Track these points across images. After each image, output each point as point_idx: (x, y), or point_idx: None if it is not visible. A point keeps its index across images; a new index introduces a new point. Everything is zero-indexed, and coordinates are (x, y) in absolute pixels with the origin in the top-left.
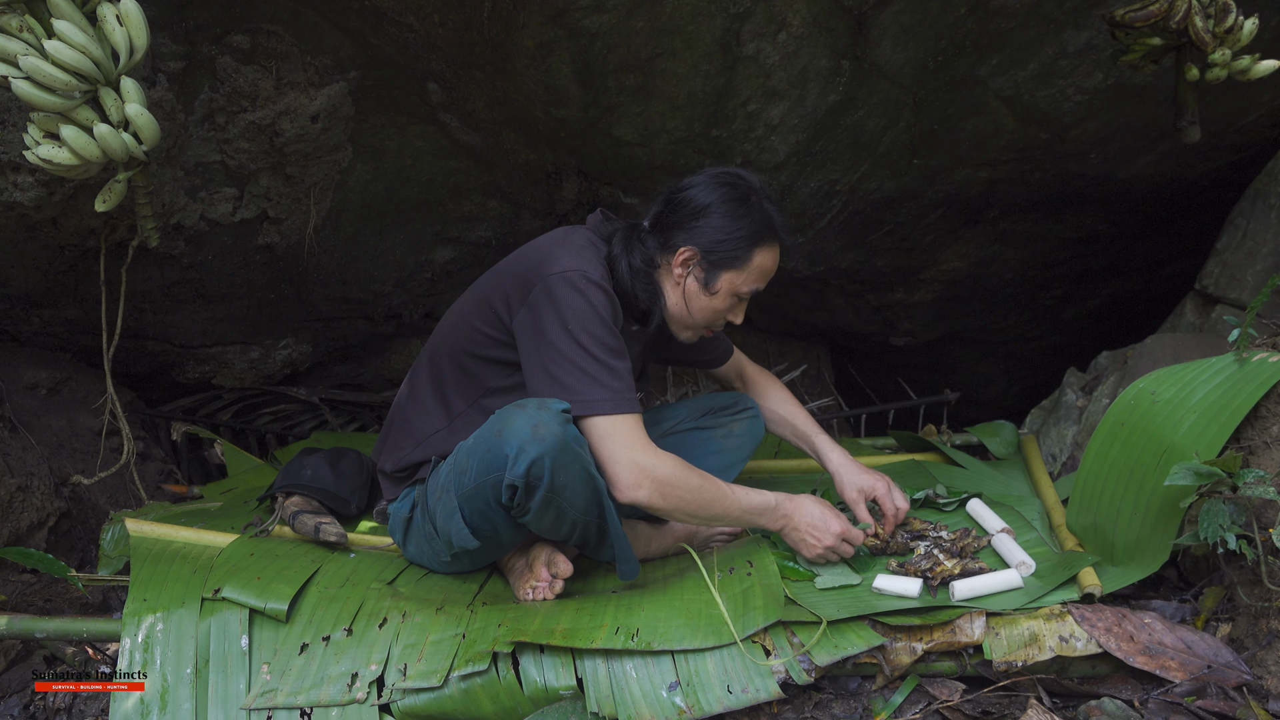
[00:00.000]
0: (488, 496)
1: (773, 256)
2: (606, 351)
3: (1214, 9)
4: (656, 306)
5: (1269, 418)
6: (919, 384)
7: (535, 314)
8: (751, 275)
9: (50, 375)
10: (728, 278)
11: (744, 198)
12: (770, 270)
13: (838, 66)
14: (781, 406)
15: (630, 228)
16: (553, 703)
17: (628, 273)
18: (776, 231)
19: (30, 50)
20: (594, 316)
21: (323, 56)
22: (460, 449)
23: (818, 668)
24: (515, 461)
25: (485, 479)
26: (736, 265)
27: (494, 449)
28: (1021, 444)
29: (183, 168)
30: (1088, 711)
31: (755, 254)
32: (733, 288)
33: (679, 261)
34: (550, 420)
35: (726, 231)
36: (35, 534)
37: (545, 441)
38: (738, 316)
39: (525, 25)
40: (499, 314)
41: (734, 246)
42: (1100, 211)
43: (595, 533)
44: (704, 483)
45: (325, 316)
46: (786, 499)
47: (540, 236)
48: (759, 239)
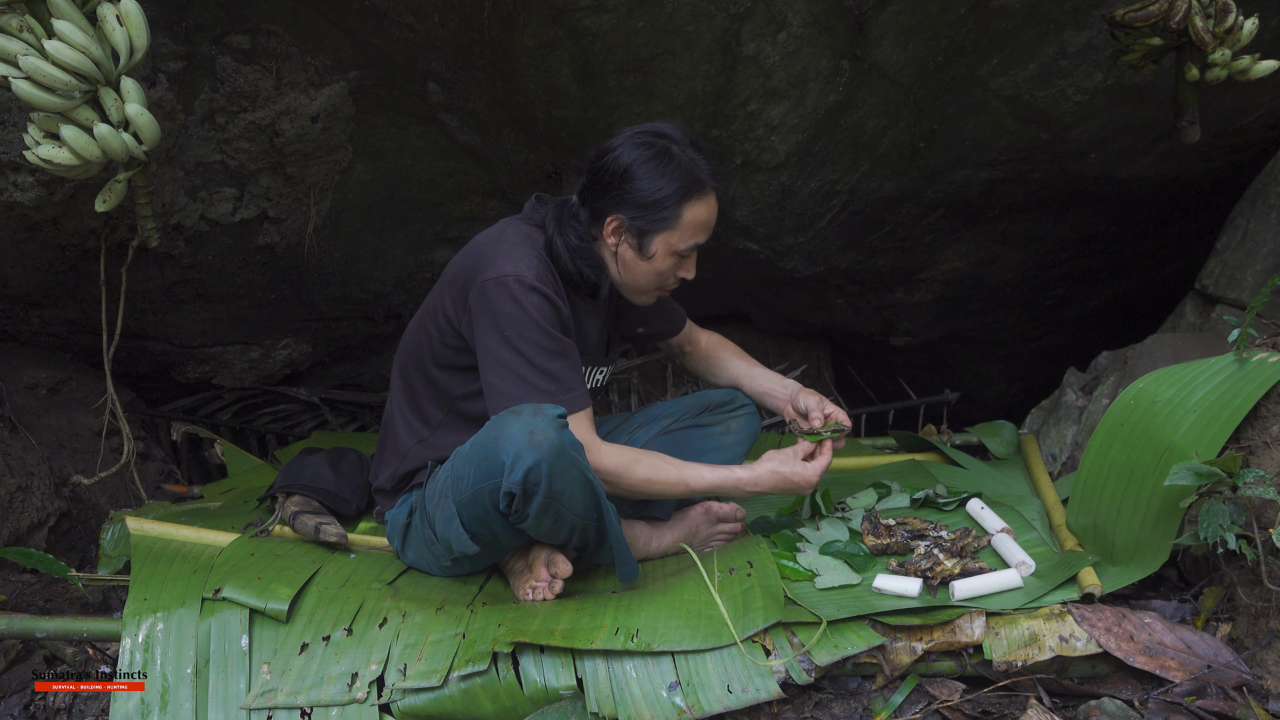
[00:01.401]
0: (485, 503)
1: (706, 207)
2: (544, 355)
3: (1214, 9)
4: (604, 278)
5: (1269, 418)
6: (919, 384)
7: (475, 320)
8: (685, 232)
9: (50, 375)
10: (661, 239)
11: (664, 154)
12: (707, 221)
13: (838, 66)
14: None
15: (561, 205)
16: (553, 703)
17: (566, 252)
18: (705, 181)
19: (30, 50)
20: (528, 321)
21: (323, 56)
22: (458, 454)
23: (818, 667)
24: (512, 468)
25: (483, 485)
26: (667, 226)
27: (491, 456)
28: (1021, 444)
29: (183, 168)
30: (1088, 711)
31: (685, 210)
32: (669, 249)
33: (609, 232)
34: (547, 426)
35: (650, 194)
36: (35, 534)
37: (542, 448)
38: (689, 271)
39: (525, 25)
40: (450, 321)
41: (661, 208)
42: (1100, 211)
43: (594, 536)
44: (652, 474)
45: (325, 316)
46: (743, 470)
47: (478, 235)
48: (686, 194)
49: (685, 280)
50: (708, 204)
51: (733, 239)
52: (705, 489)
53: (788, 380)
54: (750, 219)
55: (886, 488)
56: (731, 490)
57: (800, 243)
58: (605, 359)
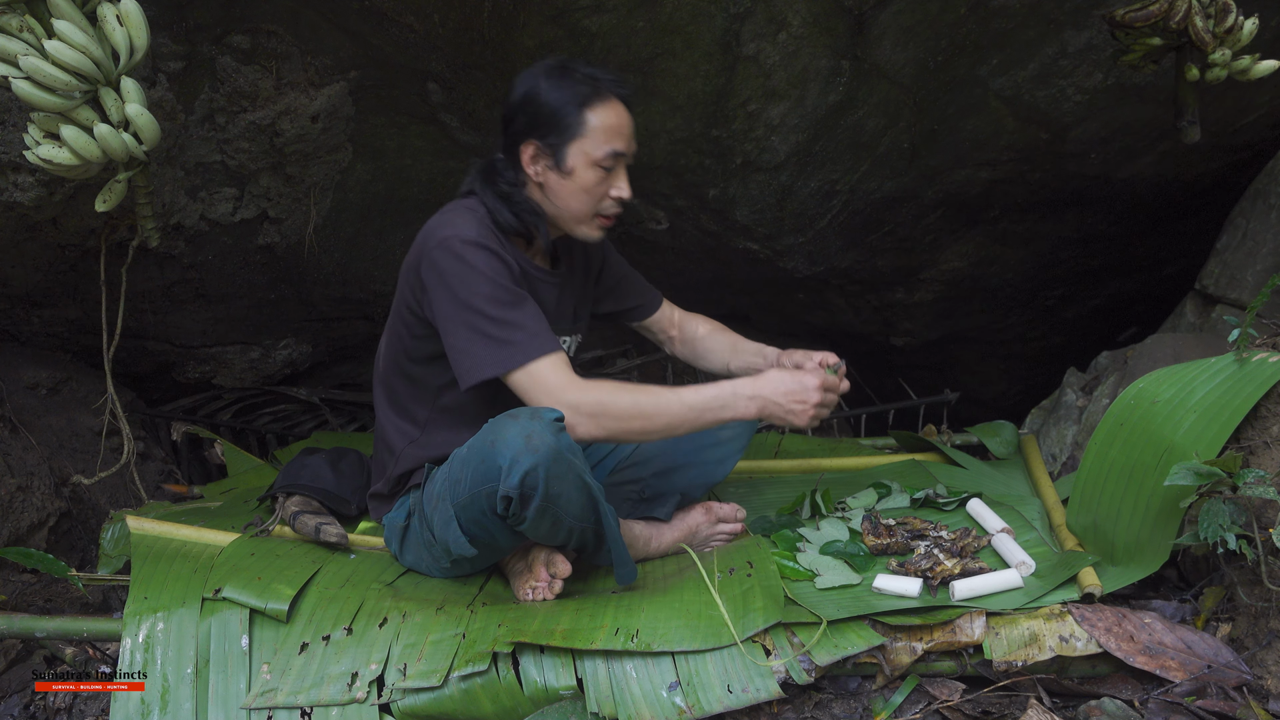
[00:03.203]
0: (483, 506)
1: (614, 112)
2: (499, 306)
3: (1214, 9)
4: (540, 222)
5: (1269, 418)
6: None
7: (429, 292)
8: (598, 137)
9: (50, 375)
10: (575, 150)
11: (559, 68)
12: (620, 126)
13: (838, 66)
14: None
15: (483, 164)
16: (553, 703)
17: (497, 203)
18: (607, 87)
19: (30, 50)
20: (476, 275)
21: (323, 56)
22: (455, 457)
23: (818, 667)
24: (509, 473)
25: (480, 489)
26: (577, 134)
27: (488, 459)
28: (1021, 444)
29: (183, 168)
30: (1088, 711)
31: (589, 115)
32: (586, 159)
33: (528, 162)
34: (544, 430)
35: (550, 106)
36: (35, 534)
37: (539, 452)
38: (621, 189)
39: (525, 25)
40: (413, 309)
41: (563, 116)
42: (1100, 211)
43: (593, 537)
44: (640, 398)
45: (325, 316)
46: (744, 382)
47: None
48: (588, 100)
49: (624, 203)
50: (614, 109)
51: (733, 239)
52: (704, 404)
53: (766, 349)
54: (750, 219)
55: (886, 488)
56: (731, 402)
57: (800, 243)
58: (573, 327)
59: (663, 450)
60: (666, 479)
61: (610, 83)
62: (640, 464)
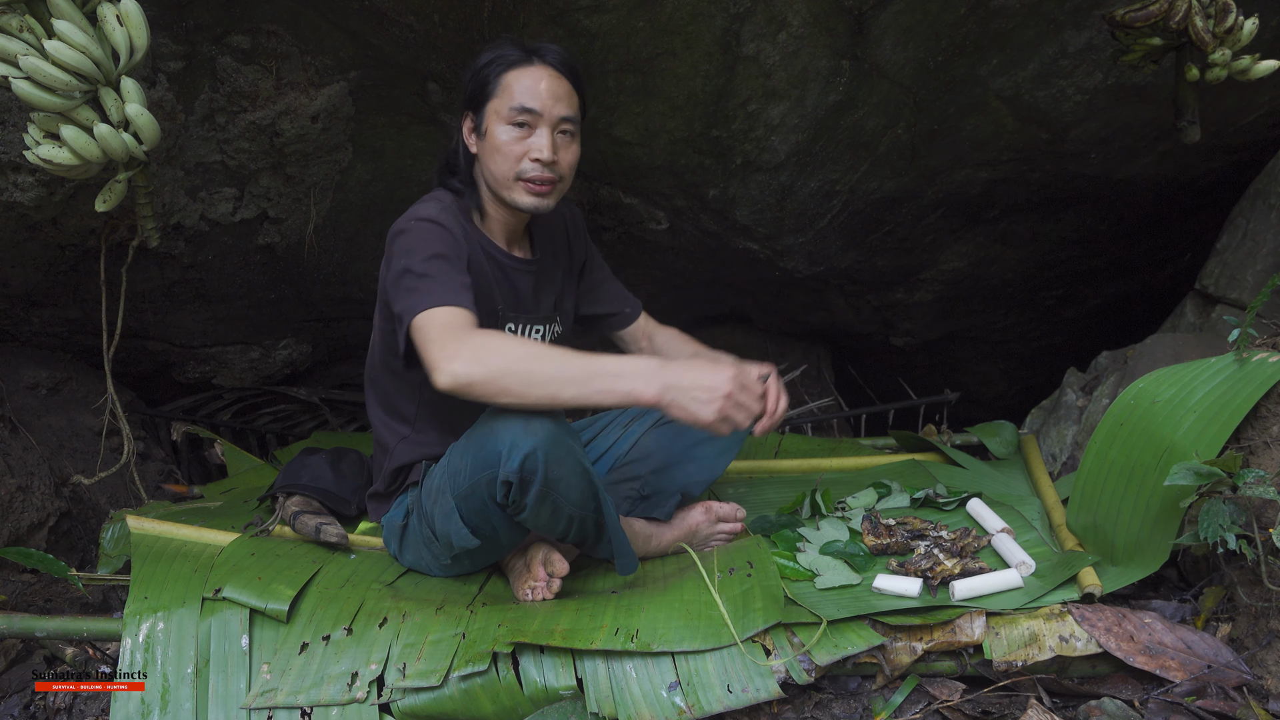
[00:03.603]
0: (483, 495)
1: (534, 75)
2: (427, 261)
3: (1214, 9)
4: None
5: (1269, 418)
6: (919, 384)
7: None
8: (509, 94)
9: (50, 375)
10: (489, 109)
11: (491, 48)
12: (533, 86)
13: (838, 66)
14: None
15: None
16: (553, 703)
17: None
18: (528, 54)
19: (30, 50)
20: (418, 242)
21: (323, 56)
22: (453, 449)
23: (818, 667)
24: (509, 457)
25: (480, 476)
26: (492, 95)
27: (486, 446)
28: (1021, 444)
29: (183, 168)
30: (1088, 711)
31: (505, 77)
32: (498, 116)
33: (466, 135)
34: (541, 414)
35: (478, 74)
36: (35, 534)
37: (537, 435)
38: (540, 150)
39: (525, 25)
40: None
41: (483, 82)
42: (1100, 211)
43: (593, 528)
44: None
45: (325, 316)
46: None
47: None
48: (512, 64)
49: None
50: (532, 73)
51: (733, 239)
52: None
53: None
54: (750, 219)
55: (886, 488)
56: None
57: (800, 243)
58: (551, 316)
59: (661, 445)
60: (665, 476)
61: (543, 51)
62: (638, 461)
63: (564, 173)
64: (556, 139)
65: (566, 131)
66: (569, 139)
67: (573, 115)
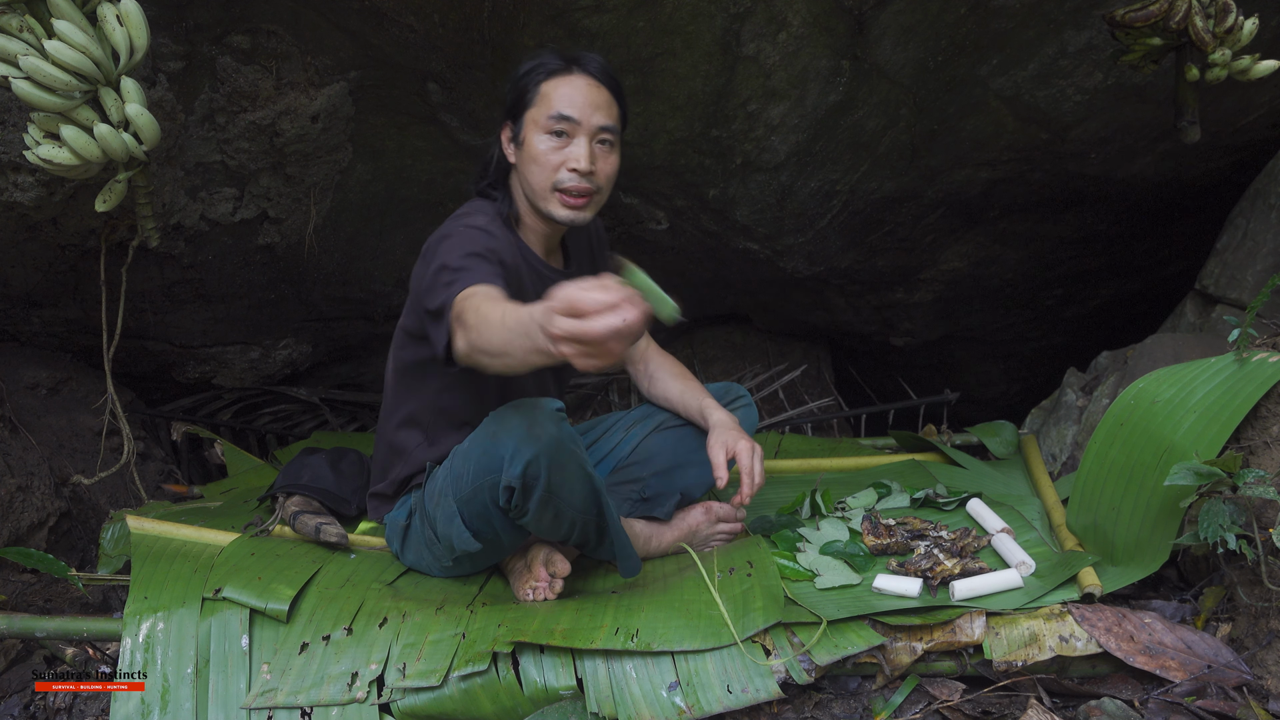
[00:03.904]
0: (485, 499)
1: (572, 83)
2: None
3: (1214, 9)
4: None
5: (1269, 418)
6: (919, 384)
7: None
8: (547, 102)
9: (50, 375)
10: (527, 118)
11: (543, 49)
12: (571, 94)
13: (838, 66)
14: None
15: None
16: (553, 703)
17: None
18: (568, 63)
19: (30, 50)
20: (461, 243)
21: (323, 56)
22: (456, 453)
23: (818, 667)
24: (511, 462)
25: (482, 481)
26: (531, 104)
27: (490, 451)
28: (1021, 444)
29: (183, 168)
30: (1088, 711)
31: (545, 85)
32: (535, 126)
33: (505, 141)
34: (545, 420)
35: (519, 84)
36: (35, 534)
37: (540, 441)
38: (579, 159)
39: (525, 25)
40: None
41: (523, 91)
42: (1100, 211)
43: (594, 531)
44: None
45: (325, 316)
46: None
47: None
48: (551, 73)
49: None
50: (571, 82)
51: (733, 239)
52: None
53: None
54: (750, 219)
55: (886, 488)
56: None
57: (800, 243)
58: None
59: (663, 449)
60: (667, 478)
61: (584, 60)
62: (641, 463)
63: (601, 184)
64: (595, 149)
65: (605, 141)
66: (608, 149)
67: (612, 125)
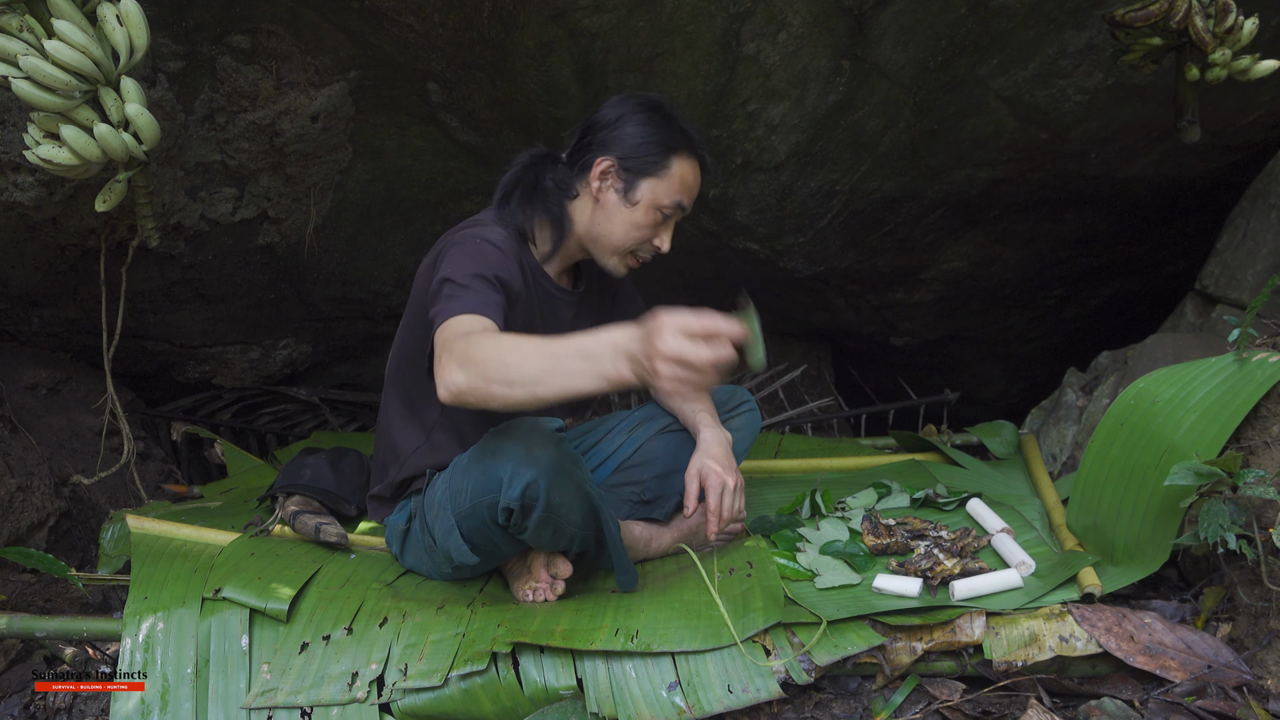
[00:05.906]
0: (484, 516)
1: (693, 170)
2: (471, 277)
3: (1214, 9)
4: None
5: (1269, 418)
6: (919, 384)
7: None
8: (673, 185)
9: (50, 375)
10: (647, 186)
11: (657, 107)
12: (691, 185)
13: (838, 66)
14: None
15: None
16: (553, 703)
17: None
18: (695, 145)
19: (30, 50)
20: (472, 257)
21: (323, 56)
22: (455, 466)
23: (818, 667)
24: (510, 484)
25: (481, 500)
26: (655, 172)
27: (489, 470)
28: (1021, 444)
29: (183, 168)
30: (1088, 711)
31: (674, 161)
32: (654, 198)
33: (597, 175)
34: (544, 441)
35: (642, 137)
36: (35, 534)
37: (540, 463)
38: (664, 240)
39: (525, 25)
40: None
41: (651, 152)
42: (1100, 211)
43: (594, 544)
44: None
45: (325, 316)
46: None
47: None
48: (677, 146)
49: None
50: (694, 167)
51: (733, 239)
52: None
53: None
54: (750, 219)
55: (886, 488)
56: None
57: (800, 243)
58: None
59: (664, 453)
60: (667, 481)
61: (700, 142)
62: (641, 465)
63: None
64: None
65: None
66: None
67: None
